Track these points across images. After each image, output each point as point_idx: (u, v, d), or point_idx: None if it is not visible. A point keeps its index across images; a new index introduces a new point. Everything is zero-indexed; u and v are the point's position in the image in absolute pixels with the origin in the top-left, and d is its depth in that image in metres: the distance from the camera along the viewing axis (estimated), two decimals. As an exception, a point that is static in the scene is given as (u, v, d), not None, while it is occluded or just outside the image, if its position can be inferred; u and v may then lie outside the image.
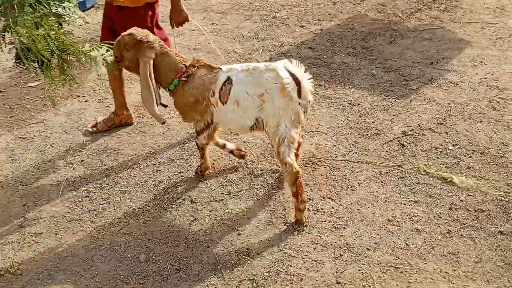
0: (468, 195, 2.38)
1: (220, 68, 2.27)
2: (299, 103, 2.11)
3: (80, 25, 2.32)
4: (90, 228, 2.29)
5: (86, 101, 3.34)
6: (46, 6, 2.05)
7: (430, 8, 4.56)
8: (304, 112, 2.17)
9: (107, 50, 2.20)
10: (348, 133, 2.87)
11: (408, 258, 2.06)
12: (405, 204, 2.35)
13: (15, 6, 2.00)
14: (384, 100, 3.18)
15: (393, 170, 2.56)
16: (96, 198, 2.48)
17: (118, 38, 2.31)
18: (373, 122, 2.96)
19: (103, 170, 2.68)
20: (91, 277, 2.04)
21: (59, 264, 2.11)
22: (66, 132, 3.01)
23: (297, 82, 2.09)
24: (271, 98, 2.12)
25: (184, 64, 2.30)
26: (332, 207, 2.34)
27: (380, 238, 2.16)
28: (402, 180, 2.49)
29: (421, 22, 4.29)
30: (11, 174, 2.67)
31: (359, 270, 2.01)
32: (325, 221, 2.26)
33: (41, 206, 2.43)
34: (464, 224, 2.21)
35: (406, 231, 2.19)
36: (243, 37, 4.24)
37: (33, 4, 2.01)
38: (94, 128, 2.99)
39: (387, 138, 2.81)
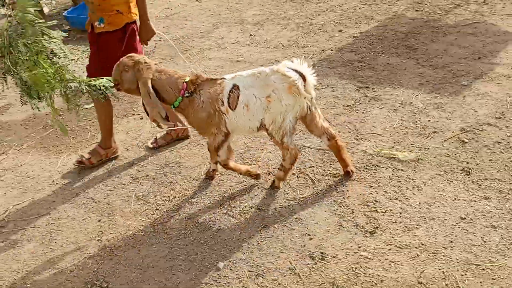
0: (540, 188, 2.33)
1: (224, 78, 2.38)
2: (305, 98, 2.28)
3: (72, 59, 2.37)
4: (165, 240, 2.38)
5: (141, 119, 3.48)
6: (38, 43, 2.11)
7: (469, 3, 4.50)
8: (309, 106, 2.36)
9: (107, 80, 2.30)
10: (405, 133, 2.87)
11: (487, 255, 2.04)
12: (475, 201, 2.32)
13: (11, 49, 2.08)
14: (436, 98, 3.16)
15: (457, 168, 2.54)
16: (166, 211, 2.57)
17: (117, 62, 2.42)
18: (429, 120, 2.94)
19: (168, 183, 2.78)
20: (174, 286, 2.12)
21: (141, 275, 2.21)
22: (128, 149, 3.15)
23: (303, 78, 2.25)
24: (278, 97, 2.27)
25: (184, 81, 2.38)
26: (401, 208, 2.34)
27: (456, 236, 2.14)
28: (469, 177, 2.46)
29: (461, 17, 4.23)
30: (82, 192, 2.81)
31: (439, 270, 2.00)
32: (396, 222, 2.26)
33: (116, 221, 2.55)
34: (540, 219, 2.17)
35: (481, 228, 2.17)
36: (283, 46, 4.31)
37: (26, 44, 2.08)
38: (154, 144, 3.12)
39: (446, 136, 2.79)
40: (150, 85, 2.36)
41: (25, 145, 3.33)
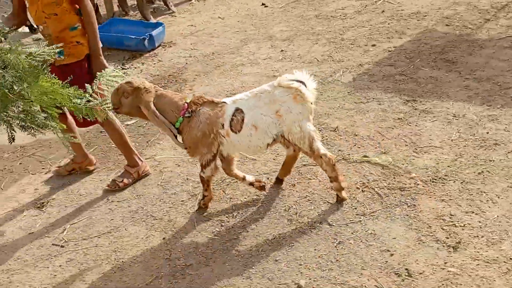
0: None
1: (225, 102, 2.41)
2: (312, 102, 2.37)
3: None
4: (237, 257, 2.32)
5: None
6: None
7: (498, 18, 4.57)
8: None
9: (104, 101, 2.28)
10: (465, 146, 2.86)
11: None
12: (554, 213, 2.30)
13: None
14: (489, 110, 3.17)
15: (526, 179, 2.53)
16: (232, 227, 2.51)
17: (117, 87, 2.40)
18: (487, 132, 2.94)
19: (228, 199, 2.73)
20: (257, 306, 2.06)
21: (219, 295, 2.14)
22: (179, 165, 3.10)
23: (304, 85, 2.35)
24: (287, 109, 2.33)
25: (186, 102, 2.41)
26: (479, 222, 2.31)
27: (543, 249, 2.11)
28: (542, 188, 2.45)
29: (494, 31, 4.30)
30: (140, 209, 2.75)
31: (533, 284, 1.96)
32: (478, 236, 2.23)
33: (182, 239, 2.48)
34: None
35: None
36: (318, 60, 4.33)
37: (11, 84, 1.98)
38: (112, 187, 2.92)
39: (509, 148, 2.78)
40: (153, 107, 2.36)
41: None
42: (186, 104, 2.38)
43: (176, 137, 2.42)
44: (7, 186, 3.11)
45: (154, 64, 4.75)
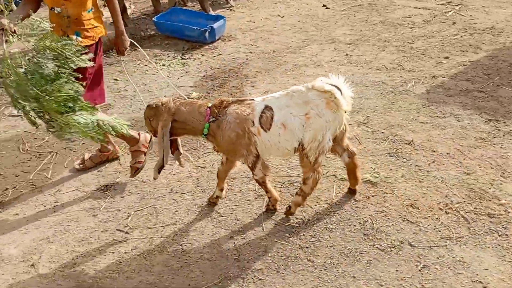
0: None
1: (252, 99, 2.32)
2: (345, 111, 2.23)
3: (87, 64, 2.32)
4: (311, 268, 2.18)
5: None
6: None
7: None
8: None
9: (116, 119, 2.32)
10: (561, 175, 2.62)
11: None
12: None
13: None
14: None
15: None
16: (303, 235, 2.38)
17: (144, 113, 2.38)
18: None
19: (297, 204, 2.60)
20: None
21: (293, 306, 2.01)
22: (243, 163, 3.00)
23: (340, 91, 2.20)
24: (316, 114, 2.20)
25: (207, 107, 2.31)
26: None
27: None
28: None
29: None
30: (205, 204, 2.66)
31: None
32: None
33: (250, 240, 2.37)
34: None
35: None
36: (387, 68, 4.13)
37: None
38: (81, 165, 2.99)
39: None
40: (165, 130, 2.26)
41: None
42: (208, 109, 2.30)
43: (162, 167, 2.32)
44: (70, 165, 3.10)
45: (214, 57, 4.68)
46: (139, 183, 2.86)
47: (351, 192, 2.61)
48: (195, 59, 4.63)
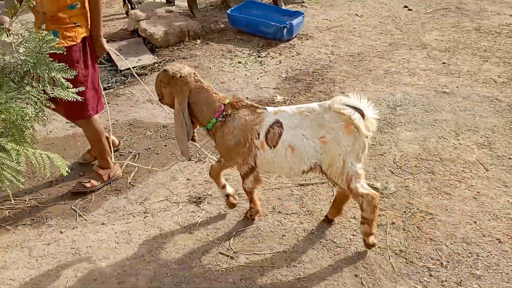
0: None
1: (265, 109, 2.12)
2: (367, 136, 1.97)
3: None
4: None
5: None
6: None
7: None
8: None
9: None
10: None
11: None
12: None
13: None
14: None
15: None
16: (445, 280, 1.98)
17: (157, 75, 2.16)
18: None
19: (427, 239, 2.18)
20: None
21: None
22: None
23: (361, 114, 1.94)
24: (334, 138, 1.97)
25: (223, 103, 2.13)
26: None
27: None
28: None
29: None
30: (316, 230, 2.27)
31: None
32: None
33: (379, 281, 1.98)
34: None
35: None
36: (496, 82, 3.66)
37: None
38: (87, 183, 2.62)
39: None
40: (185, 103, 2.09)
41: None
42: (222, 106, 2.11)
43: (188, 139, 2.14)
44: (154, 170, 2.81)
45: (293, 56, 4.31)
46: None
47: (329, 221, 2.32)
48: (272, 57, 4.27)
